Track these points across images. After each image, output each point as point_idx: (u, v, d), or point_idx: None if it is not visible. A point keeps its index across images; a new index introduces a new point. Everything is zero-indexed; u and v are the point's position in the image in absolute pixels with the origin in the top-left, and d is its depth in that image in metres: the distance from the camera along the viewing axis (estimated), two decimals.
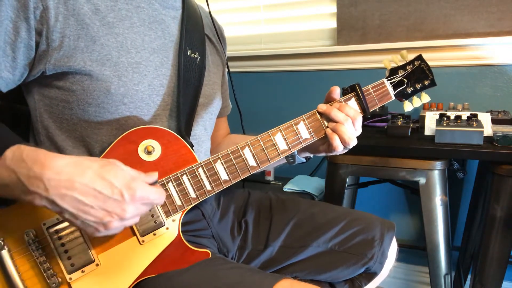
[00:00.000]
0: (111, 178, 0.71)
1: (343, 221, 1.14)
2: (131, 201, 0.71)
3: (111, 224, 0.71)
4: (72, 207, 0.69)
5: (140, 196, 0.72)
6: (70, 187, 0.68)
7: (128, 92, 0.86)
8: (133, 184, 0.72)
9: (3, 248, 0.77)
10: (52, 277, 0.79)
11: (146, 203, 0.74)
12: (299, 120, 0.95)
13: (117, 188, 0.70)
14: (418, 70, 1.02)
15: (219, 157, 0.89)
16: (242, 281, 0.84)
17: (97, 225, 0.71)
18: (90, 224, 0.70)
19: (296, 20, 2.20)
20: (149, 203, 0.75)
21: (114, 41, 0.85)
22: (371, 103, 0.99)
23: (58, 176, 0.68)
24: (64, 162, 0.70)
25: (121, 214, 0.71)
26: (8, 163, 0.69)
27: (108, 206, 0.70)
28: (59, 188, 0.68)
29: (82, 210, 0.69)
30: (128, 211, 0.71)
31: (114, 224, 0.71)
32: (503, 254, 1.42)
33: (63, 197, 0.68)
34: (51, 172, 0.68)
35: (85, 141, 0.88)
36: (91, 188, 0.69)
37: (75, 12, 0.81)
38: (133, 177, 0.73)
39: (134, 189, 0.72)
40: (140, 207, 0.74)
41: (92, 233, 0.72)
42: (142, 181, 0.74)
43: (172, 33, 0.98)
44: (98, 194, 0.69)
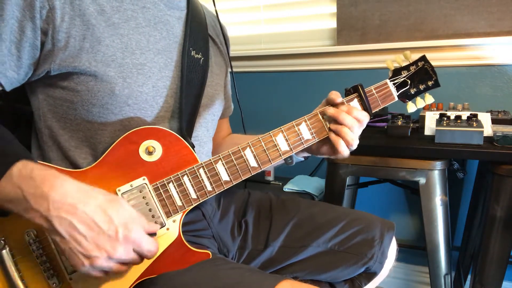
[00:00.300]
0: (113, 214, 0.72)
1: (343, 221, 1.14)
2: (123, 241, 0.72)
3: (97, 260, 0.70)
4: (66, 232, 0.69)
5: (133, 239, 0.73)
6: (71, 212, 0.69)
7: (133, 93, 0.86)
8: (130, 225, 0.73)
9: (4, 248, 0.77)
10: (53, 277, 0.79)
11: (137, 250, 0.75)
12: (300, 121, 0.95)
13: (114, 224, 0.71)
14: (422, 71, 1.02)
15: (220, 158, 0.89)
16: (243, 281, 0.84)
17: (83, 257, 0.70)
18: (76, 254, 0.70)
19: (296, 20, 2.20)
20: (140, 251, 0.75)
21: (119, 42, 0.85)
22: (373, 104, 0.99)
23: (63, 199, 0.69)
24: (72, 187, 0.71)
25: (110, 251, 0.71)
26: (15, 180, 0.70)
27: (99, 240, 0.70)
28: (60, 211, 0.69)
29: (74, 237, 0.69)
30: (118, 251, 0.71)
31: (99, 261, 0.70)
32: (503, 254, 1.42)
33: (61, 220, 0.69)
34: (58, 194, 0.69)
35: (88, 141, 0.88)
36: (90, 218, 0.70)
37: (81, 13, 0.81)
38: (133, 219, 0.74)
39: (130, 230, 0.72)
40: (130, 252, 0.74)
41: (76, 264, 0.71)
42: (141, 226, 0.75)
43: (176, 33, 0.98)
44: (95, 226, 0.70)
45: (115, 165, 0.83)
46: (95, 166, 0.83)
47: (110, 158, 0.83)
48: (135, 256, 0.75)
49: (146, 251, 0.76)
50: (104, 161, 0.83)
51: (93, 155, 0.89)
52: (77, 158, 0.88)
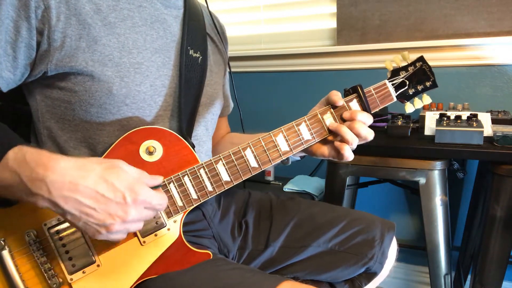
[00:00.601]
0: (114, 180, 0.71)
1: (343, 221, 1.14)
2: (133, 204, 0.72)
3: (113, 226, 0.71)
4: (75, 209, 0.69)
5: (143, 199, 0.73)
6: (73, 190, 0.68)
7: (130, 93, 0.86)
8: (136, 187, 0.72)
9: (4, 249, 0.77)
10: (53, 277, 0.79)
11: (148, 207, 0.75)
12: (300, 121, 0.95)
13: (119, 190, 0.71)
14: (420, 71, 1.02)
15: (220, 158, 0.89)
16: (243, 282, 0.84)
17: (99, 227, 0.71)
18: (92, 226, 0.71)
19: (296, 20, 2.20)
20: (151, 207, 0.75)
21: (115, 41, 0.85)
22: (372, 104, 0.99)
23: (61, 178, 0.68)
24: (67, 165, 0.70)
25: (123, 216, 0.71)
26: (11, 165, 0.69)
27: (110, 209, 0.70)
28: (62, 190, 0.68)
29: (85, 212, 0.69)
30: (130, 214, 0.71)
31: (116, 227, 0.71)
32: (503, 254, 1.42)
33: (66, 199, 0.68)
34: (55, 175, 0.68)
35: (87, 141, 0.88)
36: (93, 191, 0.69)
37: (76, 12, 0.81)
38: (136, 179, 0.74)
39: (136, 192, 0.72)
40: (143, 211, 0.74)
41: (94, 235, 0.72)
42: (145, 184, 0.75)
43: (174, 32, 0.97)
44: (101, 197, 0.70)
45: None
46: None
47: (111, 158, 0.83)
48: (148, 212, 0.75)
49: (157, 206, 0.76)
50: None
51: (92, 156, 0.88)
52: None
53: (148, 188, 0.75)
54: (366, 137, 0.94)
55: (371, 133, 0.94)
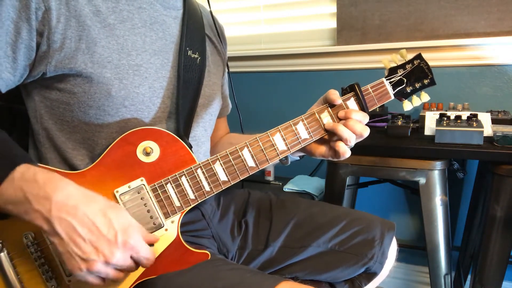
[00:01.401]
0: (113, 218, 0.72)
1: (343, 221, 1.14)
2: (122, 246, 0.72)
3: (94, 264, 0.70)
4: (65, 233, 0.69)
5: (132, 244, 0.73)
6: (72, 214, 0.69)
7: (129, 94, 0.86)
8: (129, 230, 0.73)
9: (2, 251, 0.77)
10: (51, 279, 0.79)
11: (135, 257, 0.75)
12: (298, 121, 0.95)
13: (113, 228, 0.71)
14: (418, 69, 1.02)
15: (218, 158, 0.89)
16: (242, 282, 0.84)
17: (81, 261, 0.70)
18: (74, 257, 0.70)
19: (296, 20, 2.20)
20: (137, 258, 0.75)
21: (115, 43, 0.85)
22: (370, 102, 0.98)
23: (66, 201, 0.70)
24: (76, 191, 0.72)
25: (108, 256, 0.71)
26: (17, 183, 0.70)
27: (98, 244, 0.70)
28: (61, 212, 0.69)
29: (73, 239, 0.69)
30: (116, 256, 0.71)
31: (97, 266, 0.70)
32: (503, 254, 1.42)
33: (61, 221, 0.69)
34: (61, 195, 0.70)
35: (85, 143, 0.88)
36: (90, 221, 0.70)
37: (76, 14, 0.81)
38: (133, 225, 0.75)
39: (129, 235, 0.73)
40: (128, 258, 0.74)
41: (73, 269, 0.71)
42: (139, 232, 0.75)
43: (173, 33, 0.97)
44: (94, 229, 0.70)
45: (113, 166, 0.83)
46: (92, 167, 0.83)
47: (108, 159, 0.83)
48: (131, 263, 0.75)
49: (143, 259, 0.76)
50: (102, 163, 0.83)
51: (90, 157, 0.88)
52: (74, 159, 0.88)
53: (141, 237, 0.75)
54: (361, 134, 0.93)
55: (367, 129, 0.94)
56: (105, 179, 0.83)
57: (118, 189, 0.82)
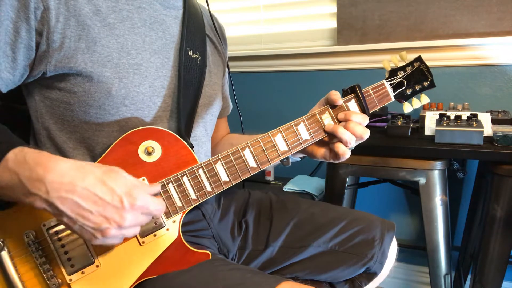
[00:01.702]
0: (113, 184, 0.71)
1: (343, 221, 1.14)
2: (130, 209, 0.71)
3: (109, 231, 0.70)
4: (71, 211, 0.68)
5: (140, 205, 0.72)
6: (71, 191, 0.68)
7: (129, 93, 0.86)
8: (134, 192, 0.72)
9: (3, 249, 0.77)
10: (52, 278, 0.79)
11: (146, 213, 0.74)
12: (299, 121, 0.95)
13: (117, 194, 0.70)
14: (418, 71, 1.02)
15: (219, 158, 0.89)
16: (243, 282, 0.84)
17: (95, 231, 0.70)
18: (87, 229, 0.70)
19: (296, 20, 2.20)
20: (149, 213, 0.75)
21: (114, 42, 0.85)
22: (371, 104, 0.99)
23: (60, 179, 0.68)
24: (67, 166, 0.70)
25: (120, 221, 0.70)
26: (10, 165, 0.69)
27: (107, 212, 0.69)
28: (60, 191, 0.68)
29: (81, 214, 0.69)
30: (127, 219, 0.71)
31: (111, 232, 0.70)
32: (503, 254, 1.42)
33: (63, 200, 0.68)
34: (54, 175, 0.68)
35: (86, 142, 0.88)
36: (91, 193, 0.69)
37: (76, 13, 0.81)
38: (135, 185, 0.73)
39: (134, 197, 0.71)
40: (139, 216, 0.73)
41: (89, 239, 0.71)
42: (143, 190, 0.74)
43: (173, 33, 0.97)
44: (98, 200, 0.69)
45: (115, 165, 0.83)
46: None
47: (110, 159, 0.83)
48: (144, 218, 0.74)
49: (154, 211, 0.75)
50: (103, 162, 0.82)
51: (91, 156, 0.88)
52: (75, 159, 0.88)
53: (146, 193, 0.74)
54: (361, 136, 0.94)
55: (367, 131, 0.94)
56: None
57: None
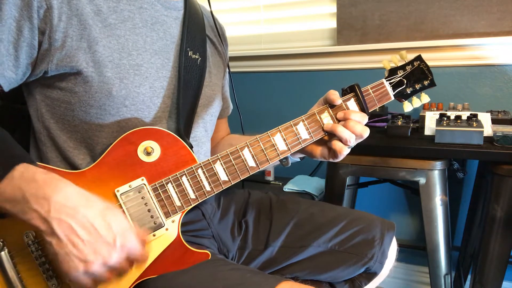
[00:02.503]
0: (111, 221, 0.72)
1: (343, 221, 1.14)
2: (119, 249, 0.72)
3: (92, 265, 0.70)
4: (64, 234, 0.69)
5: (129, 247, 0.74)
6: (71, 215, 0.69)
7: (130, 94, 0.86)
8: (127, 234, 0.73)
9: (3, 249, 0.77)
10: (52, 278, 0.79)
11: (131, 258, 0.75)
12: (298, 121, 0.95)
13: (112, 232, 0.72)
14: (418, 70, 1.02)
15: (218, 158, 0.89)
16: (243, 283, 0.84)
17: (79, 261, 0.70)
18: (72, 258, 0.69)
19: (296, 20, 2.20)
20: (134, 258, 0.76)
21: (115, 43, 0.85)
22: (370, 103, 0.99)
23: (65, 202, 0.70)
24: (74, 192, 0.72)
25: (106, 257, 0.71)
26: (16, 182, 0.70)
27: (97, 246, 0.70)
28: (61, 213, 0.69)
29: (72, 241, 0.69)
30: (113, 258, 0.72)
31: (94, 267, 0.70)
32: (503, 254, 1.42)
33: (60, 222, 0.69)
34: (60, 196, 0.70)
35: (86, 142, 0.88)
36: (89, 223, 0.70)
37: (78, 12, 0.81)
38: (129, 228, 0.75)
39: (127, 239, 0.73)
40: (123, 260, 0.74)
41: (68, 269, 0.70)
42: (135, 235, 0.75)
43: (174, 34, 0.97)
44: (93, 231, 0.70)
45: (114, 165, 0.83)
46: (93, 166, 0.83)
47: (109, 159, 0.83)
48: (127, 264, 0.75)
49: (139, 259, 0.76)
50: (103, 162, 0.83)
51: (91, 156, 0.89)
52: (75, 159, 0.88)
53: (136, 239, 0.75)
54: (361, 135, 0.94)
55: (366, 130, 0.94)
56: (106, 178, 0.83)
57: (119, 189, 0.82)
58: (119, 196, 0.82)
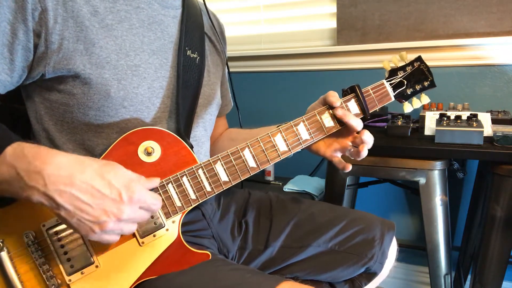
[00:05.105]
0: (111, 177, 0.71)
1: (343, 221, 1.14)
2: (128, 202, 0.71)
3: (107, 224, 0.70)
4: (69, 204, 0.68)
5: (138, 198, 0.73)
6: (69, 184, 0.68)
7: (128, 95, 0.86)
8: (132, 186, 0.72)
9: (3, 250, 0.77)
10: (52, 278, 0.79)
11: (143, 207, 0.75)
12: (299, 121, 0.95)
13: (115, 187, 0.71)
14: (418, 71, 1.02)
15: (219, 158, 0.89)
16: (243, 283, 0.84)
17: (92, 224, 0.70)
18: (85, 223, 0.70)
19: (296, 20, 2.20)
20: (146, 207, 0.75)
21: (113, 43, 0.85)
22: (370, 104, 0.99)
23: (58, 172, 0.68)
24: (65, 159, 0.70)
25: (118, 214, 0.70)
26: (9, 159, 0.69)
27: (105, 205, 0.70)
28: (58, 184, 0.68)
29: (79, 207, 0.69)
30: (125, 212, 0.71)
31: (109, 225, 0.70)
32: (503, 254, 1.42)
33: (61, 193, 0.68)
34: (52, 168, 0.68)
35: (85, 144, 0.88)
36: (89, 186, 0.69)
37: (74, 14, 0.81)
38: (133, 179, 0.74)
39: (132, 190, 0.72)
40: (137, 210, 0.74)
41: (87, 233, 0.71)
42: (141, 184, 0.75)
43: (172, 33, 0.97)
44: (96, 192, 0.69)
45: None
46: None
47: (109, 159, 0.82)
48: (142, 213, 0.75)
49: (152, 206, 0.76)
50: None
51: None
52: None
53: (144, 188, 0.75)
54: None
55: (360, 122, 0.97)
56: None
57: None
58: None
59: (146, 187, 0.76)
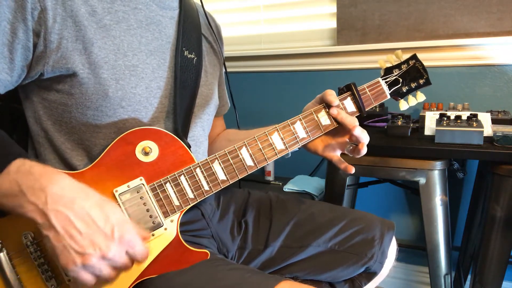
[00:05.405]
0: (109, 212, 0.72)
1: (343, 221, 1.14)
2: (118, 241, 0.72)
3: (90, 258, 0.69)
4: (62, 226, 0.68)
5: (128, 239, 0.73)
6: (69, 207, 0.69)
7: (126, 95, 0.86)
8: (126, 226, 0.73)
9: (2, 250, 0.77)
10: (51, 279, 0.79)
11: (130, 253, 0.74)
12: (295, 120, 0.96)
13: (110, 222, 0.71)
14: (413, 69, 1.03)
15: (216, 157, 0.89)
16: (242, 282, 0.84)
17: (76, 255, 0.69)
18: (69, 251, 0.69)
19: (296, 20, 2.20)
20: (132, 253, 0.75)
21: (111, 44, 0.85)
22: (366, 102, 1.00)
23: (62, 192, 0.69)
24: (70, 183, 0.72)
25: (104, 250, 0.70)
26: (13, 175, 0.70)
27: (95, 237, 0.69)
28: (58, 204, 0.68)
29: (69, 233, 0.69)
30: (112, 250, 0.71)
31: (92, 260, 0.69)
32: (503, 254, 1.42)
33: (58, 214, 0.68)
34: (56, 187, 0.69)
35: (84, 143, 0.88)
36: (86, 214, 0.70)
37: (72, 14, 0.81)
38: (129, 221, 0.75)
39: (125, 230, 0.73)
40: (123, 254, 0.73)
41: (67, 264, 0.69)
42: (135, 228, 0.75)
43: (169, 34, 0.97)
44: (91, 222, 0.70)
45: (112, 166, 0.83)
46: (92, 167, 0.83)
47: (107, 159, 0.83)
48: (126, 260, 0.74)
49: (138, 254, 0.75)
50: (101, 162, 0.83)
51: (89, 157, 0.89)
52: (73, 160, 0.88)
53: (136, 233, 0.75)
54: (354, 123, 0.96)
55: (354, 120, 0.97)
56: (104, 178, 0.83)
57: (117, 189, 0.82)
58: (117, 196, 0.82)
59: (139, 233, 0.76)
